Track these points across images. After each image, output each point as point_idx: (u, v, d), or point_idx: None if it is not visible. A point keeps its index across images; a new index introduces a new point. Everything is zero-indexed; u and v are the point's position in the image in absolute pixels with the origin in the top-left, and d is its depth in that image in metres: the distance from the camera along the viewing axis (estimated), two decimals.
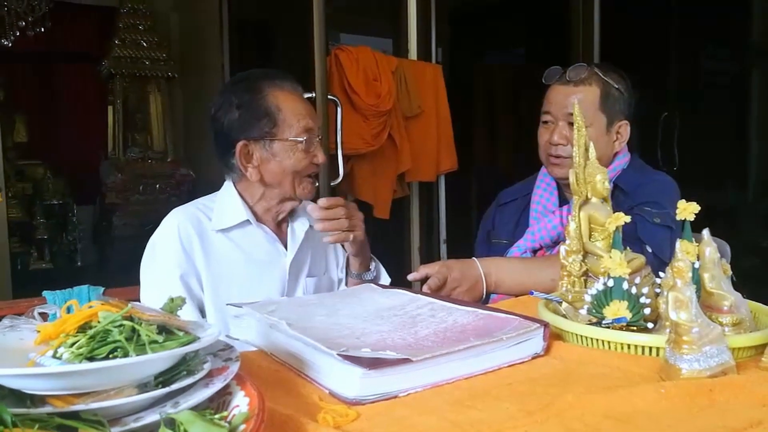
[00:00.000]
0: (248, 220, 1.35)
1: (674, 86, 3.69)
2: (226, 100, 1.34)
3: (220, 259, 1.32)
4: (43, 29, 3.70)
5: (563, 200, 1.53)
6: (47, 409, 0.52)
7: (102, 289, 1.48)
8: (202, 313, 1.30)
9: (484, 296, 1.30)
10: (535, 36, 4.50)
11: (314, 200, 1.39)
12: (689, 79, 3.64)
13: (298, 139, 1.31)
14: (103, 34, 4.90)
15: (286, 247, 1.39)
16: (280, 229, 1.41)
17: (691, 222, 0.92)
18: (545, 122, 1.49)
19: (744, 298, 0.87)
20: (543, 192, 1.54)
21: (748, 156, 3.45)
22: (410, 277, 1.27)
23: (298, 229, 1.41)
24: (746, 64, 3.39)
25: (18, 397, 0.54)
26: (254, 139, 1.32)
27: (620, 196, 1.41)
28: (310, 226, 1.42)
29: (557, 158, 1.46)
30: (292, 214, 1.42)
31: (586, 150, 1.03)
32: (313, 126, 1.35)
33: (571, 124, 1.42)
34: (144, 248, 1.34)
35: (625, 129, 1.48)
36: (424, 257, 3.52)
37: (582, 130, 1.04)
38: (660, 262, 1.18)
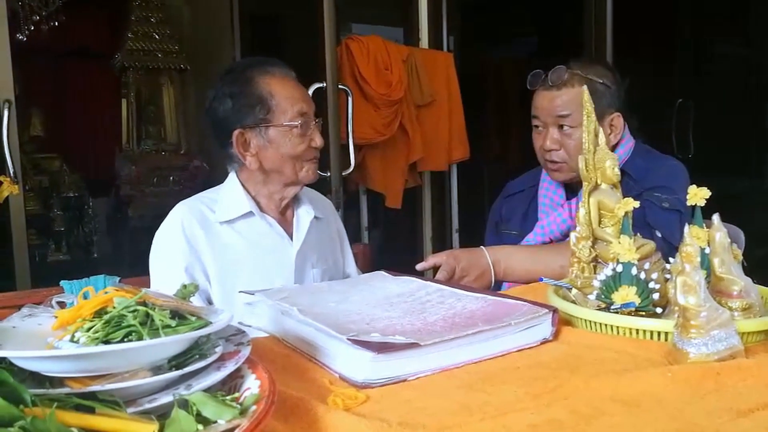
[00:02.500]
0: (252, 212, 1.35)
1: (689, 73, 3.65)
2: (219, 91, 1.34)
3: (225, 251, 1.32)
4: (56, 23, 3.74)
5: (570, 193, 1.52)
6: (65, 390, 0.54)
7: (118, 278, 1.50)
8: (210, 304, 1.31)
9: (492, 284, 1.31)
10: (548, 23, 4.46)
11: (315, 185, 1.40)
12: (705, 65, 3.60)
13: (293, 123, 1.31)
14: (116, 28, 4.94)
15: (291, 237, 1.38)
16: (284, 218, 1.40)
17: (705, 209, 0.91)
18: (536, 126, 1.48)
19: (755, 283, 0.86)
20: (549, 185, 1.53)
21: (765, 143, 3.40)
22: (419, 266, 1.27)
23: (303, 217, 1.40)
24: (763, 51, 3.34)
25: (37, 379, 0.56)
26: (250, 126, 1.32)
27: (629, 182, 1.39)
28: (315, 217, 1.42)
29: (554, 163, 1.45)
30: (296, 201, 1.42)
31: (596, 136, 1.03)
32: (308, 110, 1.34)
33: (560, 126, 1.42)
34: None
35: (618, 121, 1.45)
36: (437, 247, 3.51)
37: (591, 116, 1.04)
38: (670, 247, 1.17)
